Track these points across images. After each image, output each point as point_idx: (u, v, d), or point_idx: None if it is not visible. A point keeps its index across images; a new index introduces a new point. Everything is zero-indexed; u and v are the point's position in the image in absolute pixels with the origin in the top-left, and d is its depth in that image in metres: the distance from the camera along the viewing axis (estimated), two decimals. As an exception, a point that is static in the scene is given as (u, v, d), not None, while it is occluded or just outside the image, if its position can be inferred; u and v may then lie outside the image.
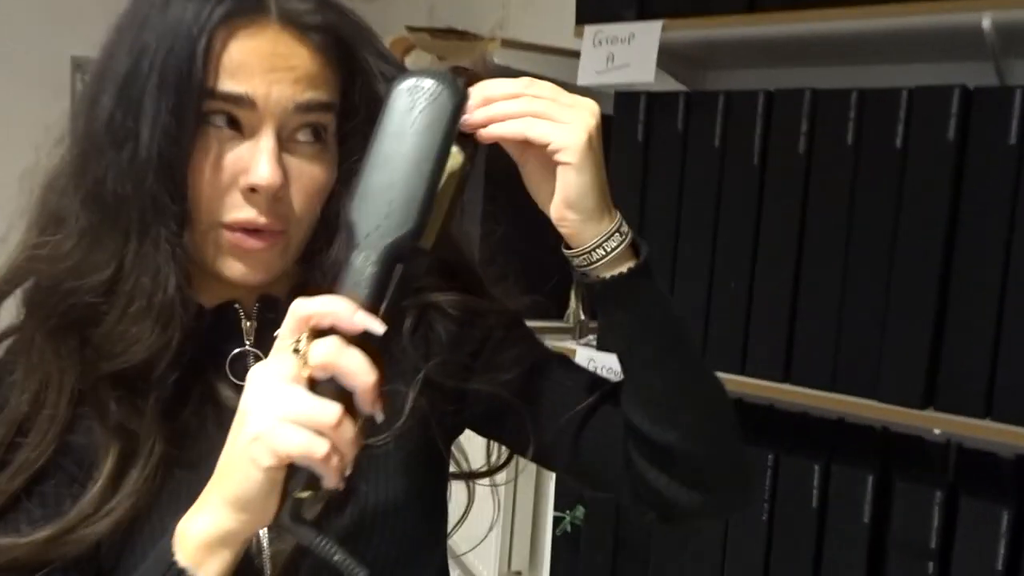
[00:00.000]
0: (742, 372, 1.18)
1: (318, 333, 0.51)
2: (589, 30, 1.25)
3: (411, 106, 0.55)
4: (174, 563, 0.53)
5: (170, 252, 0.59)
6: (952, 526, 1.04)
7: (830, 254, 1.11)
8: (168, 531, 0.54)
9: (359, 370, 0.50)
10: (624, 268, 0.59)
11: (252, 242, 0.60)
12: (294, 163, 0.61)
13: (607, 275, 0.59)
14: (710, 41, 1.24)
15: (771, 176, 1.15)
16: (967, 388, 1.02)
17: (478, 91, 0.57)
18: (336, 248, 0.63)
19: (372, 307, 0.53)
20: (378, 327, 0.51)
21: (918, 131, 1.04)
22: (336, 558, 0.52)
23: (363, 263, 0.53)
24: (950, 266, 1.03)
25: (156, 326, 0.59)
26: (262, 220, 0.60)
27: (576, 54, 1.30)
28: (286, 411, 0.49)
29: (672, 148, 1.22)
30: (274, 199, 0.60)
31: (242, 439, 0.51)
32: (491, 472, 0.77)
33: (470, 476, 0.78)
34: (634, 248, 0.60)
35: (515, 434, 0.71)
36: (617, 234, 0.59)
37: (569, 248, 0.60)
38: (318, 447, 0.49)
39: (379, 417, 0.52)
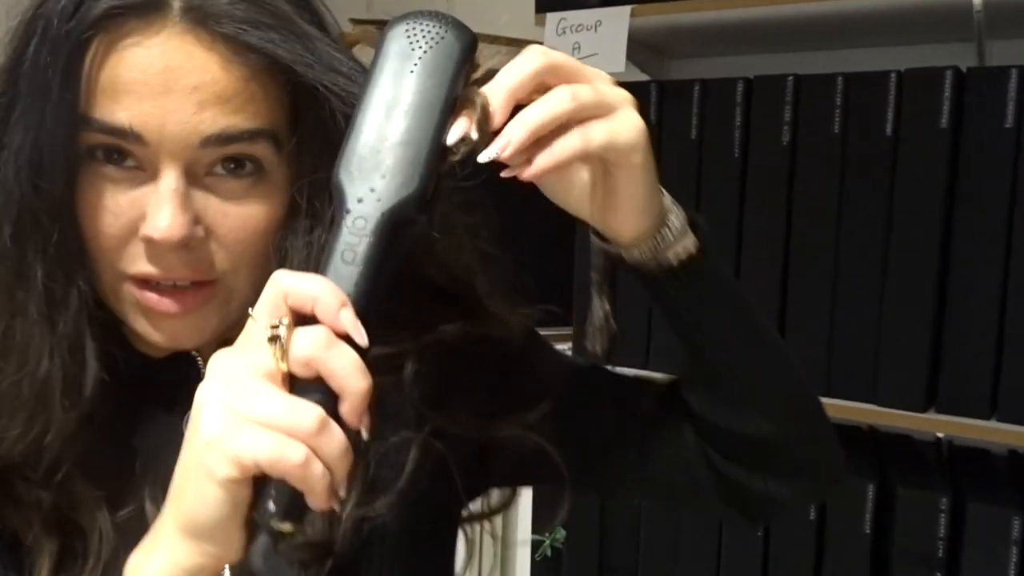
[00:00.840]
0: (729, 378, 1.11)
1: (301, 318, 0.40)
2: (552, 18, 1.17)
3: (410, 49, 0.45)
4: None
5: (46, 315, 0.48)
6: (959, 534, 0.99)
7: (820, 251, 1.04)
8: None
9: (350, 372, 0.39)
10: (691, 247, 0.51)
11: (166, 304, 0.49)
12: (214, 204, 0.48)
13: (674, 259, 0.51)
14: (680, 27, 1.18)
15: (754, 169, 1.08)
16: (969, 388, 0.97)
17: (517, 124, 0.44)
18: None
19: (368, 288, 0.42)
20: (362, 338, 0.40)
21: (909, 117, 0.98)
22: None
23: (355, 234, 0.43)
24: (948, 260, 0.98)
25: (20, 415, 0.48)
26: (173, 275, 0.49)
27: (538, 44, 1.22)
28: (251, 410, 0.39)
29: (646, 142, 1.15)
30: (184, 250, 0.48)
31: (195, 445, 0.40)
32: (493, 513, 0.65)
33: (468, 520, 0.64)
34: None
35: (558, 476, 0.59)
36: (673, 209, 0.51)
37: (618, 244, 0.51)
38: (291, 452, 0.38)
39: (365, 435, 0.41)
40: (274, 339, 0.39)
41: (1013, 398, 0.95)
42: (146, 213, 0.47)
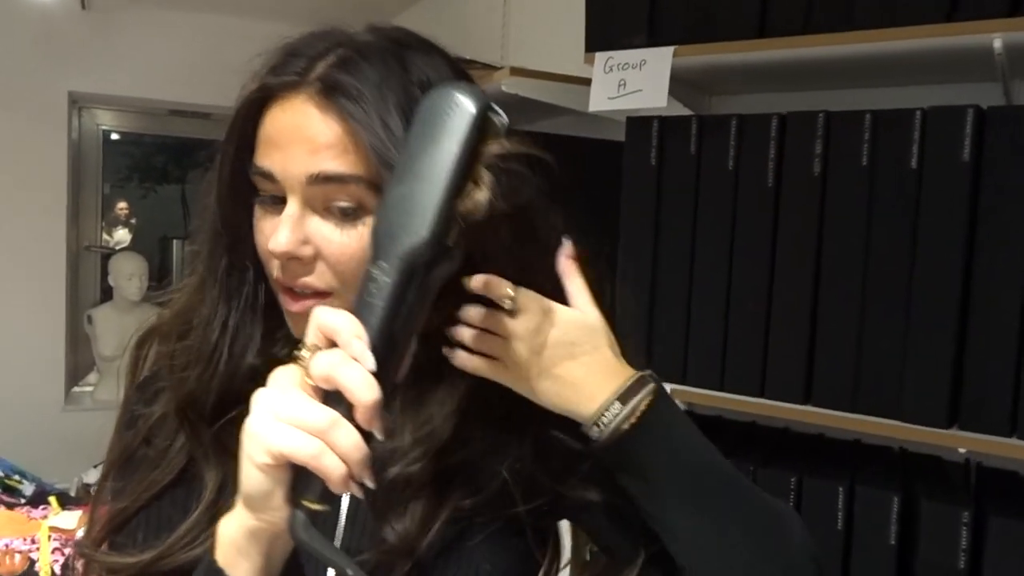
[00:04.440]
0: (761, 395, 1.18)
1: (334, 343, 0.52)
2: (600, 57, 1.27)
3: (434, 115, 0.54)
4: (212, 562, 0.54)
5: (226, 299, 0.65)
6: (981, 547, 1.04)
7: (847, 275, 1.11)
8: None
9: (357, 386, 0.50)
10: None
11: (291, 304, 0.63)
12: (323, 231, 0.61)
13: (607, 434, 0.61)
14: (719, 66, 1.26)
15: (786, 198, 1.15)
16: (991, 406, 1.02)
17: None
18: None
19: (389, 321, 0.52)
20: (369, 360, 0.50)
21: (933, 152, 1.05)
22: (349, 572, 0.51)
23: (380, 274, 0.53)
24: (969, 286, 1.03)
25: (198, 366, 0.64)
26: (295, 283, 0.62)
27: (584, 81, 1.31)
28: (280, 411, 0.50)
29: (685, 172, 1.23)
30: (299, 264, 0.61)
31: (244, 436, 0.52)
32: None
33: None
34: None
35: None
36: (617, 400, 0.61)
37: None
38: (307, 445, 0.49)
39: (379, 436, 0.52)
40: (295, 359, 0.52)
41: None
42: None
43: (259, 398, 0.52)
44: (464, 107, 0.53)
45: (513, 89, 1.43)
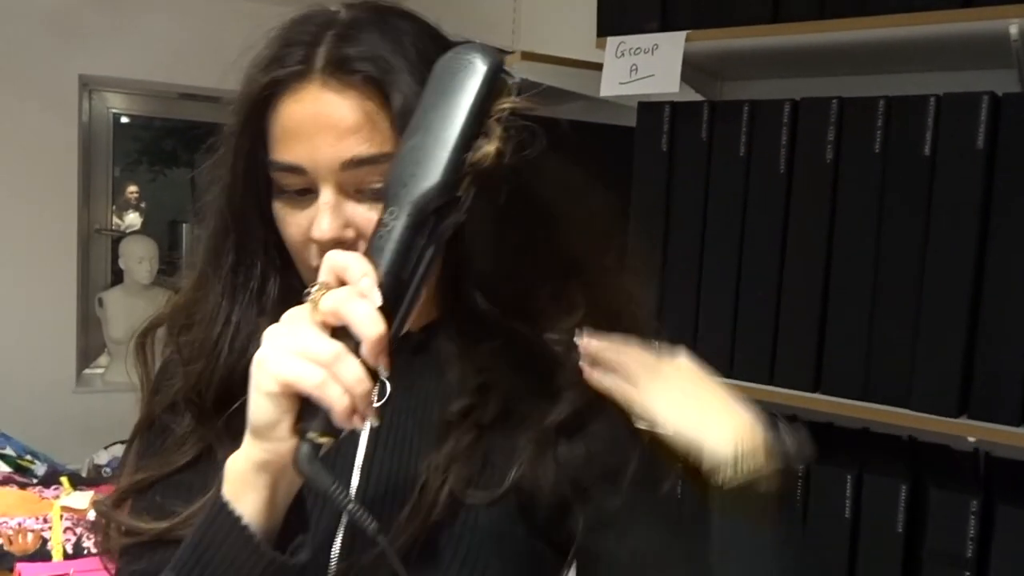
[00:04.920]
0: (770, 382, 1.18)
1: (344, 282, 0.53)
2: (612, 41, 1.26)
3: (447, 73, 0.56)
4: (219, 496, 0.54)
5: (230, 295, 0.65)
6: (988, 535, 1.04)
7: (859, 263, 1.10)
8: None
9: (363, 320, 0.51)
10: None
11: None
12: (361, 212, 0.61)
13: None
14: (732, 51, 1.25)
15: (798, 185, 1.15)
16: (1001, 396, 1.02)
17: None
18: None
19: (398, 264, 0.54)
20: (375, 296, 0.52)
21: (947, 139, 1.04)
22: (350, 508, 0.52)
23: (391, 220, 0.54)
24: (982, 273, 1.03)
25: (201, 361, 0.64)
26: None
27: (596, 66, 1.30)
28: (287, 342, 0.52)
29: (697, 157, 1.22)
30: (342, 248, 0.60)
31: (252, 366, 0.53)
32: None
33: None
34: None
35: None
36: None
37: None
38: (312, 374, 0.50)
39: (383, 372, 0.52)
40: (307, 296, 0.53)
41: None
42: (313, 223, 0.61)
43: (270, 332, 0.53)
44: (476, 65, 0.55)
45: (524, 74, 1.42)
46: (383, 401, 0.65)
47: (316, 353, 0.51)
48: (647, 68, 1.22)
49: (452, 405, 0.65)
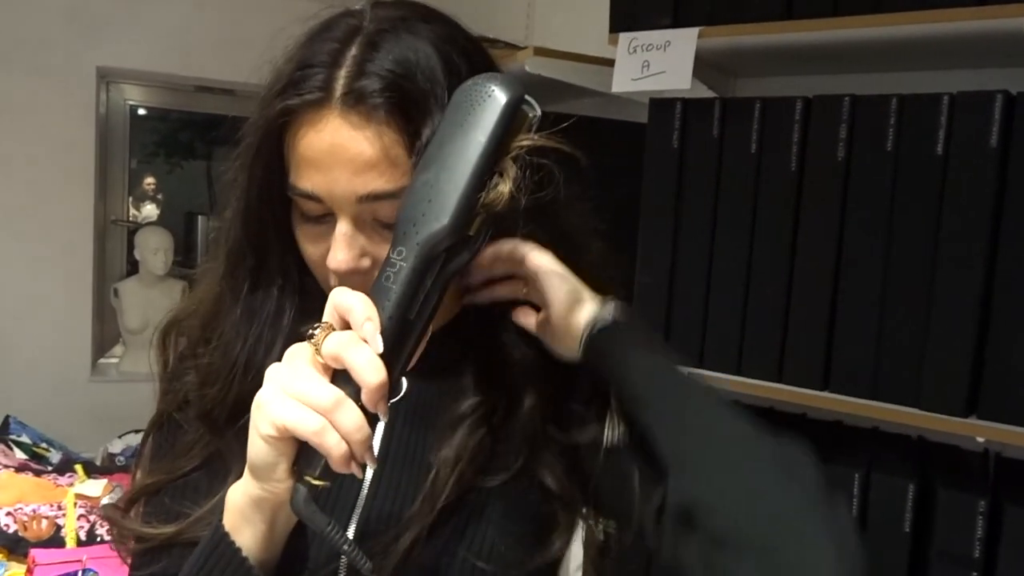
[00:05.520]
0: (779, 380, 1.17)
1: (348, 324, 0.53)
2: (624, 37, 1.26)
3: (466, 104, 0.54)
4: (220, 526, 0.56)
5: (247, 318, 0.66)
6: (996, 536, 1.03)
7: (869, 261, 1.10)
8: None
9: (364, 368, 0.51)
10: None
11: None
12: (377, 242, 0.61)
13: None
14: (745, 48, 1.24)
15: (809, 183, 1.14)
16: (1011, 396, 1.01)
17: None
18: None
19: (404, 307, 0.53)
20: (377, 343, 0.51)
21: (960, 137, 1.03)
22: (345, 548, 0.52)
23: (399, 261, 0.53)
24: (993, 273, 1.02)
25: (217, 384, 0.65)
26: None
27: (608, 62, 1.30)
28: (287, 385, 0.52)
29: (708, 155, 1.22)
30: (358, 275, 0.60)
31: (253, 407, 0.53)
32: None
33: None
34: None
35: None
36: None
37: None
38: (310, 421, 0.50)
39: (383, 419, 0.52)
40: (310, 337, 0.52)
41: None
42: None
43: (271, 372, 0.53)
44: (496, 98, 0.53)
45: (537, 69, 1.43)
46: (398, 398, 0.66)
47: (315, 399, 0.51)
48: (659, 64, 1.22)
49: (462, 402, 0.65)
